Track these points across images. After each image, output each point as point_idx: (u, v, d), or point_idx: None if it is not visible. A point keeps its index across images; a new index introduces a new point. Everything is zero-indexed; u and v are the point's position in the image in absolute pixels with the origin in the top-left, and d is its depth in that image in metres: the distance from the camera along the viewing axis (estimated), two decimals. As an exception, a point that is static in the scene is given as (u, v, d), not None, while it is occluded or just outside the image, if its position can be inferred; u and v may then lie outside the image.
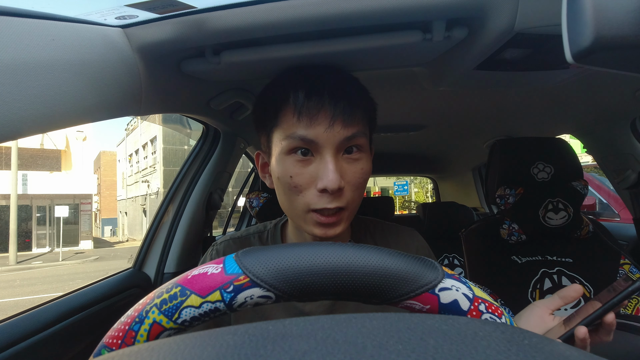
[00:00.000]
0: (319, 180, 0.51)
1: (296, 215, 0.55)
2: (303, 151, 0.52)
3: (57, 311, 0.76)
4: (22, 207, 14.21)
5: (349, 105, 0.52)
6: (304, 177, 0.52)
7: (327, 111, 0.51)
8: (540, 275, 1.02)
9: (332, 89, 0.53)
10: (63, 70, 0.43)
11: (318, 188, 0.51)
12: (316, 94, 0.52)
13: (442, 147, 2.01)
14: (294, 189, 0.53)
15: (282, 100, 0.53)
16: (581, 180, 1.03)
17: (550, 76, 0.77)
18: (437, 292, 0.27)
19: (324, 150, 0.52)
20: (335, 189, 0.49)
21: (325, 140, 0.51)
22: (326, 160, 0.51)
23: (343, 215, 0.53)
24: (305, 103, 0.51)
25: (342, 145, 0.52)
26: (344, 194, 0.52)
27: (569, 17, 0.29)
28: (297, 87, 0.53)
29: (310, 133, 0.51)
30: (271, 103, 0.55)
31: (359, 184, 0.54)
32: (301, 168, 0.52)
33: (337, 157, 0.52)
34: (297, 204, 0.53)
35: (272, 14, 0.51)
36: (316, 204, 0.52)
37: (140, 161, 20.89)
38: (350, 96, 0.54)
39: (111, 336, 0.26)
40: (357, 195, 0.55)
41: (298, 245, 0.28)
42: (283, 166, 0.53)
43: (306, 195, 0.52)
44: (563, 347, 0.17)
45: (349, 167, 0.53)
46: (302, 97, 0.52)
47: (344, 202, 0.52)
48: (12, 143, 10.32)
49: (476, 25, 0.57)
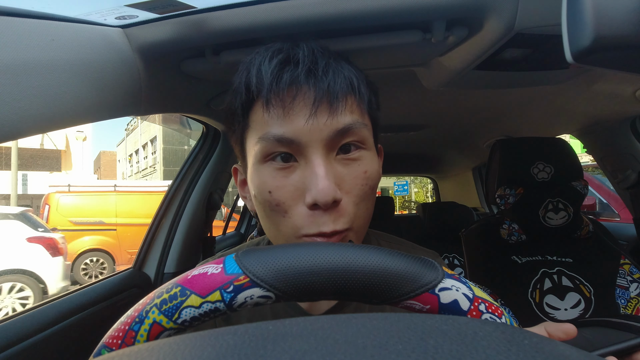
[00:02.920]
0: (306, 192, 0.37)
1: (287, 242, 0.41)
2: (283, 156, 0.39)
3: (57, 311, 0.76)
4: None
5: (337, 82, 0.38)
6: (286, 190, 0.39)
7: (306, 93, 0.38)
8: (540, 275, 1.02)
9: (310, 62, 0.39)
10: (63, 70, 0.43)
11: (306, 203, 0.38)
12: (288, 71, 0.38)
13: (442, 147, 2.01)
14: (276, 208, 0.39)
15: (247, 89, 0.40)
16: (581, 180, 1.03)
17: (550, 76, 0.77)
18: (437, 292, 0.27)
19: (309, 150, 0.38)
20: (328, 201, 0.36)
21: (309, 136, 0.38)
22: (313, 164, 0.38)
23: (346, 234, 0.40)
24: (274, 86, 0.37)
25: (332, 141, 0.39)
26: (344, 209, 0.39)
27: (569, 17, 0.29)
28: (261, 67, 0.39)
29: (287, 129, 0.38)
30: (237, 97, 0.42)
31: (364, 193, 0.40)
32: (282, 179, 0.39)
33: (329, 158, 0.39)
34: (284, 229, 0.40)
35: (272, 14, 0.51)
36: (308, 228, 0.38)
37: (140, 161, 20.90)
38: (337, 70, 0.39)
39: (111, 336, 0.26)
40: (364, 210, 0.41)
41: (298, 245, 0.28)
42: (259, 179, 0.40)
43: (294, 216, 0.39)
44: (563, 347, 0.17)
45: (346, 171, 0.40)
46: (268, 77, 0.38)
47: (346, 221, 0.39)
48: (12, 143, 10.32)
49: (476, 25, 0.57)
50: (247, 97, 0.40)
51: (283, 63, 0.39)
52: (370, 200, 0.42)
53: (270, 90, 0.38)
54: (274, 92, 0.38)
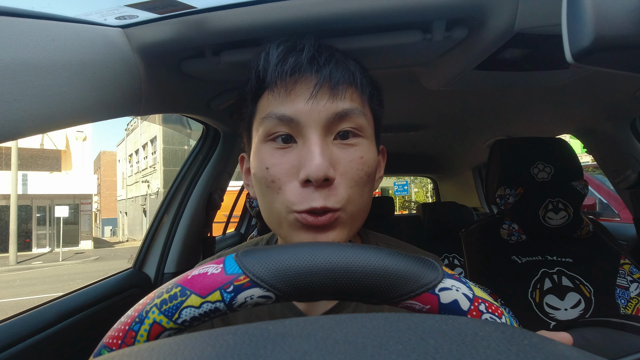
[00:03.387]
0: (301, 169, 0.40)
1: (278, 221, 0.43)
2: (284, 137, 0.42)
3: (57, 311, 0.76)
4: (22, 207, 14.22)
5: (339, 71, 0.41)
6: (282, 167, 0.41)
7: (308, 78, 0.41)
8: (540, 275, 1.02)
9: (315, 51, 0.42)
10: (63, 70, 0.43)
11: (300, 179, 0.39)
12: (293, 56, 0.41)
13: (442, 147, 2.01)
14: (271, 184, 0.41)
15: (256, 76, 0.43)
16: (581, 180, 1.03)
17: (550, 76, 0.77)
18: (437, 292, 0.27)
19: (307, 130, 0.40)
20: (320, 177, 0.38)
21: (307, 116, 0.40)
22: (309, 142, 0.40)
23: (339, 215, 0.41)
24: (279, 67, 0.41)
25: (330, 124, 0.41)
26: (337, 190, 0.40)
27: (569, 17, 0.29)
28: (269, 52, 0.43)
29: (289, 109, 0.40)
30: (247, 85, 0.46)
31: (360, 178, 0.42)
32: (280, 157, 0.41)
33: (326, 140, 0.41)
34: (277, 206, 0.41)
35: (272, 14, 0.51)
36: (300, 203, 0.40)
37: (140, 161, 20.91)
38: (340, 62, 0.43)
39: (111, 336, 0.26)
40: (357, 194, 0.42)
41: (298, 245, 0.28)
42: (259, 157, 0.43)
43: (287, 192, 0.40)
44: (563, 347, 0.17)
45: (342, 155, 0.41)
46: (274, 60, 0.41)
47: (337, 200, 0.40)
48: (12, 143, 10.32)
49: (476, 25, 0.57)
50: (257, 83, 0.44)
51: (289, 49, 0.42)
52: (365, 188, 0.43)
53: (275, 71, 0.41)
54: (279, 74, 0.41)
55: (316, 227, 0.40)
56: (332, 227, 0.41)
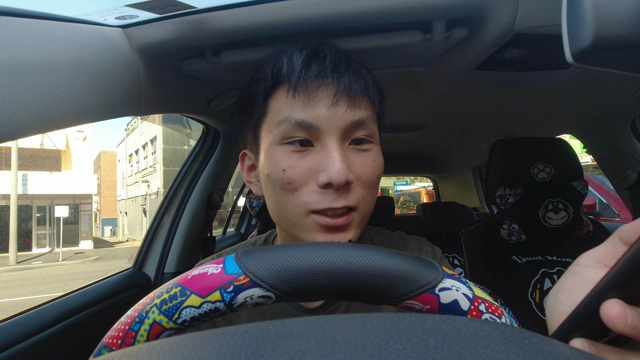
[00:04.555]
0: (320, 172, 0.41)
1: (291, 222, 0.44)
2: (301, 141, 0.43)
3: (57, 311, 0.76)
4: (22, 207, 14.22)
5: (357, 81, 0.43)
6: (299, 170, 0.42)
7: (329, 85, 0.42)
8: (540, 275, 1.02)
9: (335, 59, 0.43)
10: (63, 70, 0.43)
11: (319, 183, 0.41)
12: (316, 63, 0.42)
13: (442, 147, 2.01)
14: (287, 186, 0.42)
15: (273, 77, 0.44)
16: (581, 180, 1.03)
17: (550, 76, 0.77)
18: (437, 292, 0.27)
19: (326, 136, 0.42)
20: (342, 182, 0.40)
21: (327, 123, 0.42)
22: (329, 148, 0.42)
23: (354, 216, 0.43)
24: (303, 74, 0.42)
25: (348, 131, 0.43)
26: (353, 191, 0.42)
27: (569, 17, 0.29)
28: (292, 56, 0.43)
29: (309, 115, 0.42)
30: (260, 84, 0.45)
31: (371, 180, 0.44)
32: (297, 160, 0.42)
33: (343, 146, 0.43)
34: (292, 206, 0.43)
35: (272, 14, 0.51)
36: (317, 204, 0.41)
37: (140, 161, 20.90)
38: (357, 71, 0.44)
39: (111, 336, 0.26)
40: (369, 195, 0.45)
41: (298, 245, 0.28)
42: (274, 158, 0.43)
43: (303, 193, 0.42)
44: (563, 347, 0.17)
45: (357, 159, 0.44)
46: (298, 65, 0.42)
47: (353, 200, 0.42)
48: (12, 143, 10.32)
49: (476, 25, 0.57)
50: (272, 84, 0.44)
51: (311, 55, 0.43)
52: (374, 189, 0.46)
53: (300, 77, 0.42)
54: (303, 79, 0.42)
55: (334, 228, 0.42)
56: (348, 228, 0.43)
